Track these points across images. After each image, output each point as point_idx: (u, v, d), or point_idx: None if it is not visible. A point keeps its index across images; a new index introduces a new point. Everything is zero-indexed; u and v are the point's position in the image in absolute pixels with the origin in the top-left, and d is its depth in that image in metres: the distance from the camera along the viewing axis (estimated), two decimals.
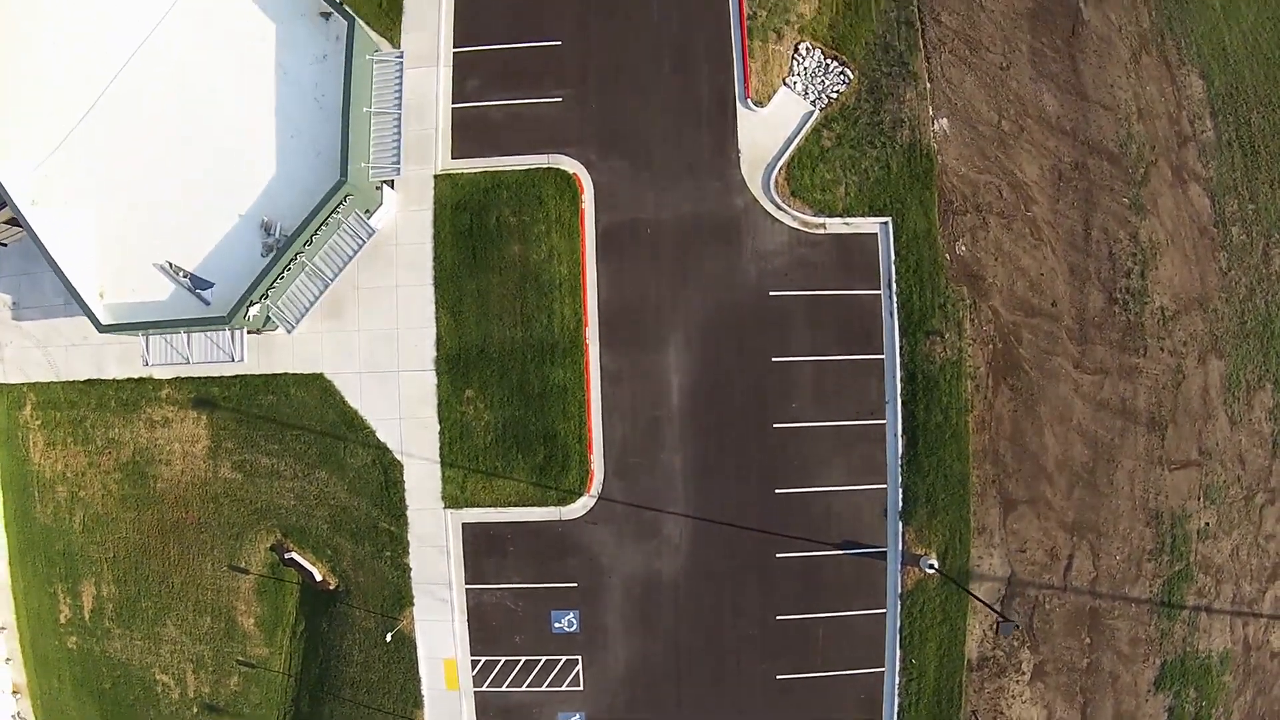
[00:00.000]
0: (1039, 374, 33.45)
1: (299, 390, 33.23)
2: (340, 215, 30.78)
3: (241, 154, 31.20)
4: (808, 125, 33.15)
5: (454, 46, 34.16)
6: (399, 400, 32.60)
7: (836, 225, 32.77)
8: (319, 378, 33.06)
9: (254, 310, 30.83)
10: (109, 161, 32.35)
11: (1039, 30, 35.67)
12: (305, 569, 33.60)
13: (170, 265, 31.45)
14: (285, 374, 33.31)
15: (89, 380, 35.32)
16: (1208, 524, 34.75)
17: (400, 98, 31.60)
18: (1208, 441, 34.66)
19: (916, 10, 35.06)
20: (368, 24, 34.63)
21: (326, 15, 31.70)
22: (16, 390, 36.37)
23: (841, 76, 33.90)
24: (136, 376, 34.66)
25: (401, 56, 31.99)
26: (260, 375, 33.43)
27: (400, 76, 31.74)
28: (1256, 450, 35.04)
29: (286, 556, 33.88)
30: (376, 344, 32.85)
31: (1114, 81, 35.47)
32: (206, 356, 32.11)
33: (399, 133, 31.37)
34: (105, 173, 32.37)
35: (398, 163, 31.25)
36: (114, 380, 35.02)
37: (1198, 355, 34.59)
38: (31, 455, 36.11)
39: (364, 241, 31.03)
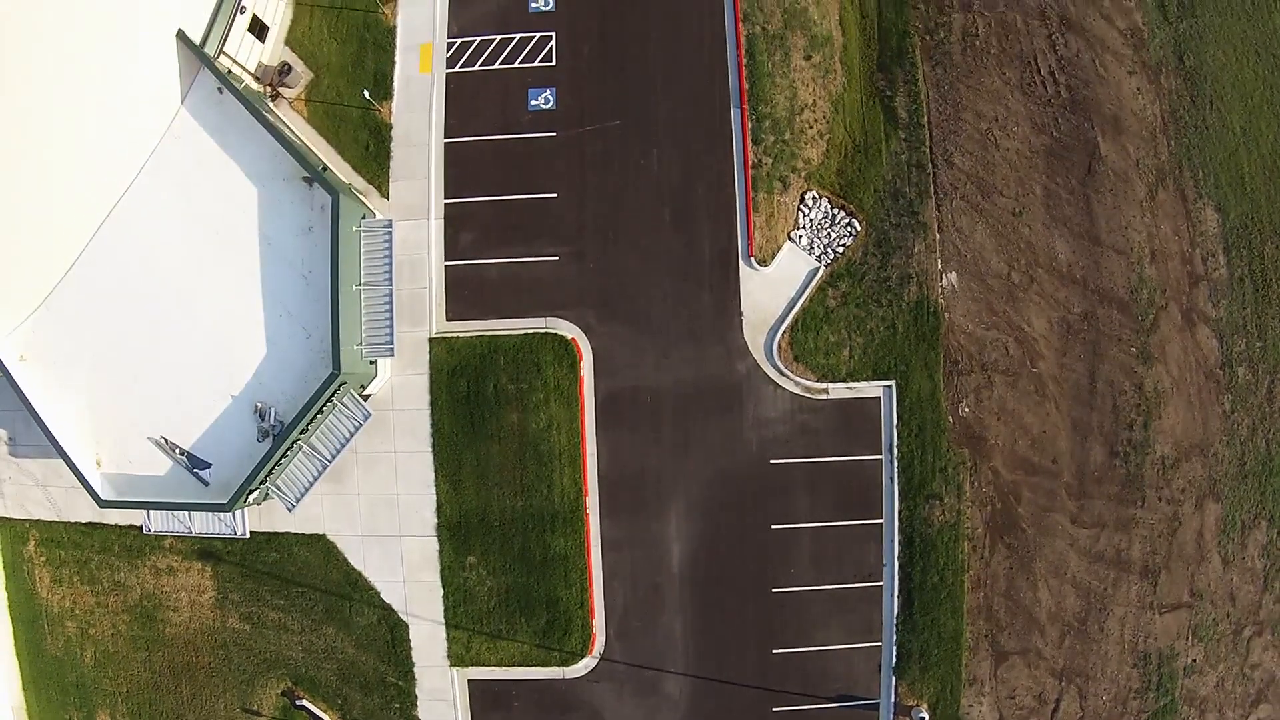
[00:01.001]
0: (1035, 530, 33.69)
1: (302, 549, 33.46)
2: (335, 398, 30.29)
3: (230, 332, 30.51)
4: (813, 284, 32.29)
5: (445, 198, 32.89)
6: (401, 564, 32.90)
7: (839, 390, 32.36)
8: (321, 539, 33.26)
9: (254, 494, 30.74)
10: (96, 329, 31.73)
11: (1055, 170, 34.31)
12: (317, 716, 34.62)
13: (166, 441, 31.14)
14: (288, 533, 33.48)
15: (91, 523, 35.47)
16: (1195, 660, 35.69)
17: (391, 271, 30.70)
18: (1199, 583, 35.22)
19: (929, 152, 33.68)
20: (354, 168, 33.55)
21: (309, 180, 30.39)
22: (19, 525, 36.54)
23: (849, 228, 32.76)
24: (138, 524, 34.82)
25: (390, 226, 30.85)
26: (263, 533, 33.59)
27: (390, 246, 30.76)
28: (1248, 586, 35.65)
29: (298, 703, 34.84)
30: (377, 508, 32.89)
31: (1128, 223, 34.37)
32: (208, 529, 32.25)
33: (391, 309, 30.61)
34: (93, 340, 31.80)
35: (390, 342, 30.59)
36: (116, 525, 35.17)
37: (1195, 501, 34.76)
38: (38, 589, 36.59)
39: (360, 424, 30.64)
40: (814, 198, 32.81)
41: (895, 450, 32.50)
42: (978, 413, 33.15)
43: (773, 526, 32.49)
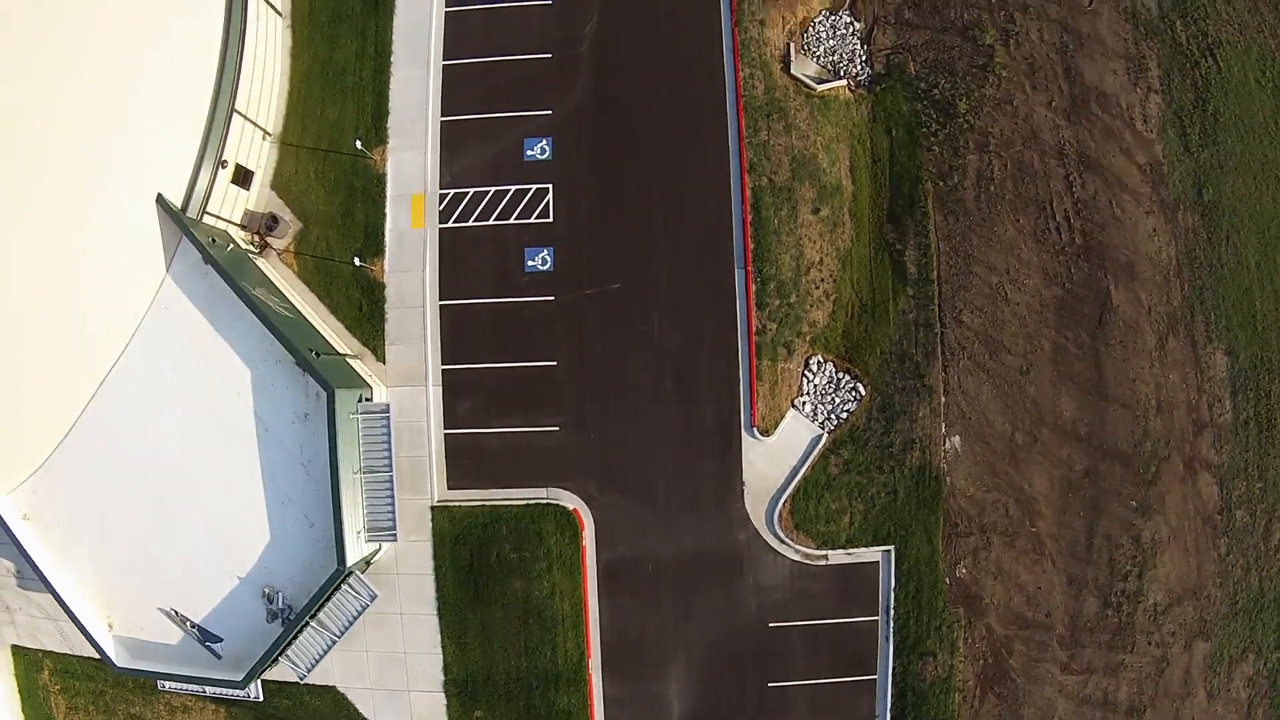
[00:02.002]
0: (1025, 680, 34.57)
1: (313, 698, 34.38)
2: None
3: (233, 515, 30.58)
4: (815, 452, 32.11)
5: (443, 363, 32.29)
6: (410, 717, 33.88)
7: (839, 556, 32.63)
8: (332, 690, 34.10)
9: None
10: (98, 497, 31.83)
11: (1065, 323, 33.61)
12: None
13: (176, 613, 31.63)
14: (299, 683, 34.30)
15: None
16: None
17: (390, 456, 30.54)
18: (1184, 716, 36.44)
19: (937, 309, 32.93)
20: (348, 329, 32.92)
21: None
22: (33, 654, 37.44)
23: (853, 393, 32.33)
24: None
25: (388, 412, 30.51)
26: (275, 681, 34.40)
27: (388, 432, 30.52)
28: (1232, 716, 36.89)
29: None
30: (385, 664, 33.64)
31: (1136, 374, 33.91)
32: (224, 692, 32.99)
33: (392, 494, 30.60)
34: (96, 508, 31.93)
35: (393, 527, 30.70)
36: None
37: (1185, 642, 35.54)
38: (55, 715, 37.79)
39: (367, 604, 31.06)
40: (819, 362, 32.25)
41: (892, 611, 33.04)
42: (975, 573, 33.53)
43: (770, 684, 33.35)
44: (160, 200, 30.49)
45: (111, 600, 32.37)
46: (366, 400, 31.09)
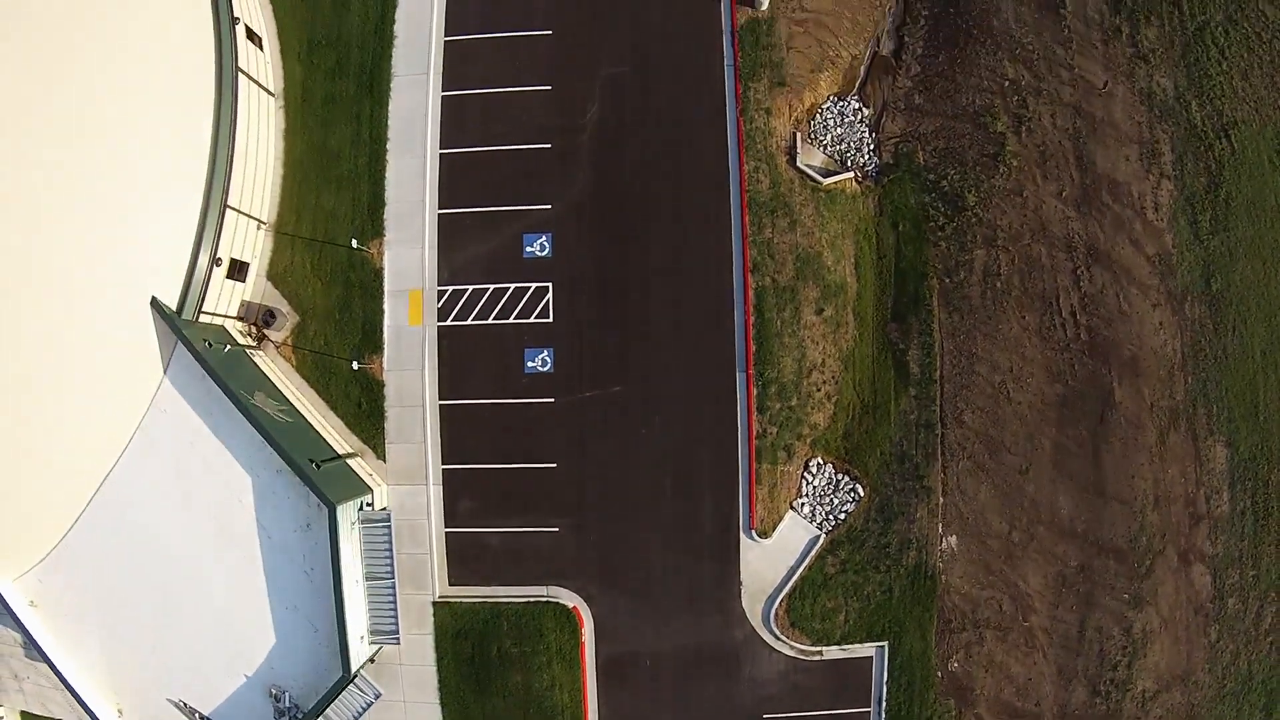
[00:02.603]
0: None
1: None
2: None
3: (240, 619, 30.99)
4: (812, 553, 32.35)
5: (443, 463, 32.30)
6: None
7: (833, 652, 33.12)
8: None
9: None
10: (105, 590, 32.09)
11: (1066, 422, 33.52)
12: None
13: (185, 705, 32.32)
14: None
15: None
16: None
17: (392, 563, 30.84)
18: None
19: (938, 410, 32.79)
20: (348, 426, 32.90)
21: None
22: None
23: (852, 494, 32.43)
24: None
25: (389, 520, 30.69)
26: None
27: (390, 541, 30.76)
28: None
29: None
30: None
31: (1135, 471, 33.96)
32: None
33: (394, 599, 30.97)
34: (103, 601, 32.23)
35: (396, 630, 31.16)
36: None
37: None
38: None
39: (371, 701, 31.75)
40: (818, 464, 32.27)
41: (884, 703, 33.73)
42: (967, 666, 34.10)
43: None
44: (155, 303, 30.14)
45: (121, 688, 32.99)
46: (368, 506, 31.23)
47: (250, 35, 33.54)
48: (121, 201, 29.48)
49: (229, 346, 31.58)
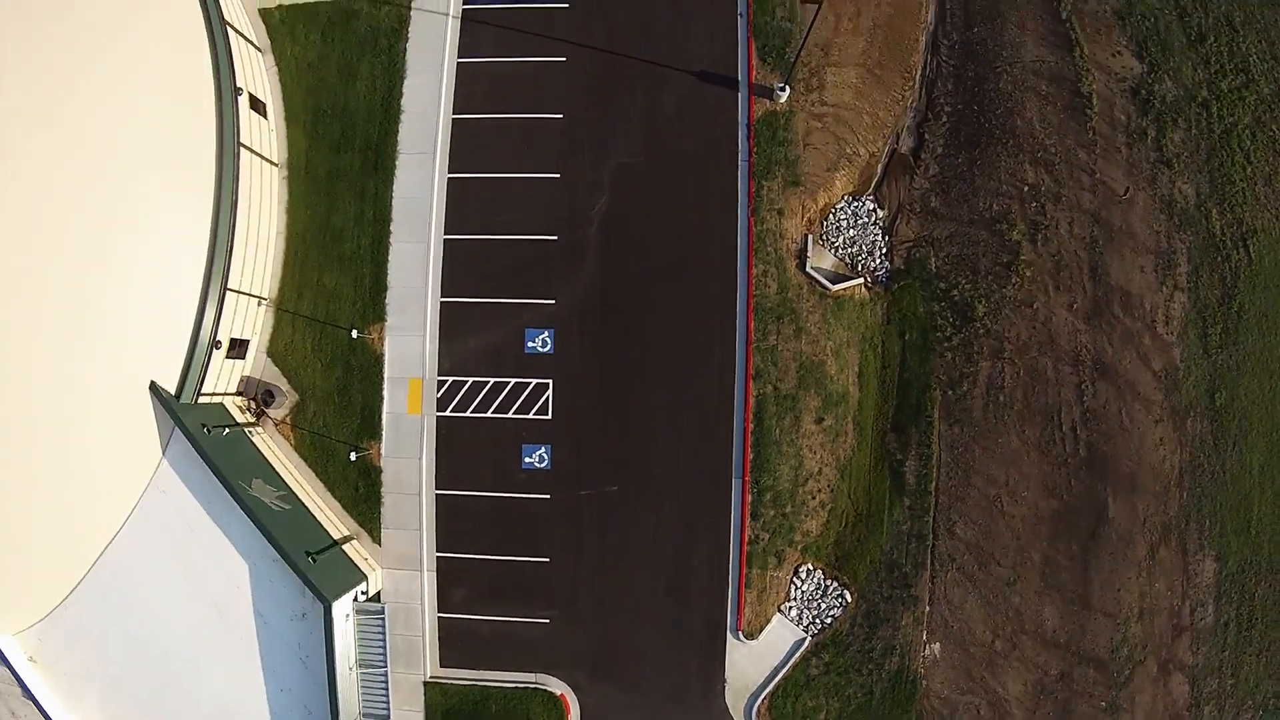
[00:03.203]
0: None
1: None
2: None
3: (235, 698, 31.61)
4: (797, 655, 32.84)
5: (438, 550, 32.57)
6: None
7: None
8: None
9: None
10: (104, 658, 32.68)
11: (1058, 536, 33.64)
12: None
13: None
14: None
15: None
16: None
17: (386, 653, 31.32)
18: None
19: (931, 521, 32.90)
20: (345, 509, 33.09)
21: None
22: None
23: (839, 599, 32.78)
24: None
25: (383, 612, 31.09)
26: None
27: (384, 632, 31.18)
28: None
29: None
30: None
31: (1122, 584, 34.23)
32: None
33: (387, 688, 31.53)
34: (102, 668, 32.84)
35: (387, 715, 31.76)
36: None
37: None
38: None
39: None
40: (808, 570, 32.54)
41: None
42: None
43: None
44: (154, 388, 30.08)
45: None
46: (363, 595, 31.63)
47: (254, 103, 32.69)
48: (119, 285, 29.22)
49: (228, 429, 31.60)
